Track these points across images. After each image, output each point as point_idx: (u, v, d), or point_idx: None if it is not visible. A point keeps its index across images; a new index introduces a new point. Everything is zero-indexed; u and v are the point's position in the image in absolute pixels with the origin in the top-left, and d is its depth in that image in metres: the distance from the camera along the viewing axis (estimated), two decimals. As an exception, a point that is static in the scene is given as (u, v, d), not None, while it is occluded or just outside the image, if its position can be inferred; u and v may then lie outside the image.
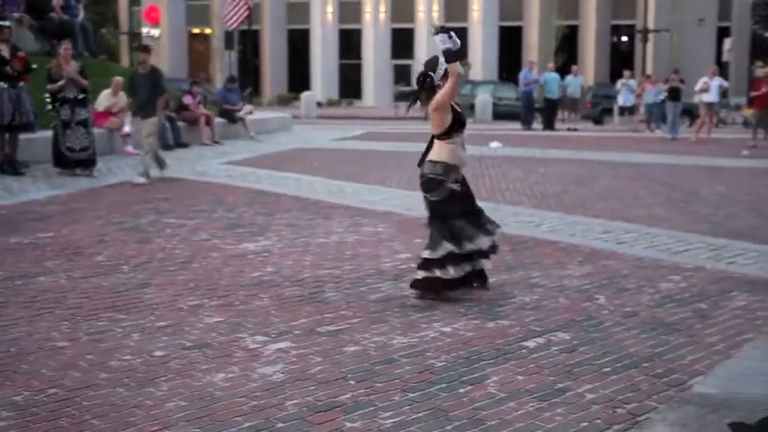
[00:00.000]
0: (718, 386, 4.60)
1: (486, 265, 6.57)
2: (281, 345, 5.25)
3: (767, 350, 5.21)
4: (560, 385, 4.60)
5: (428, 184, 6.34)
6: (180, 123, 17.69)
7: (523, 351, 5.16)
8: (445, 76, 6.26)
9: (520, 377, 4.72)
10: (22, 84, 12.73)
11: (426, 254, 6.29)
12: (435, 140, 6.36)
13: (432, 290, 6.28)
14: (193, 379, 4.66)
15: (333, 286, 6.67)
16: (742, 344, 5.33)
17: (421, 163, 6.42)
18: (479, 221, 6.52)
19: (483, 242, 6.42)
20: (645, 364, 4.92)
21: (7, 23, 13.37)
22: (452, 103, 6.34)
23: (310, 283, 6.78)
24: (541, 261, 7.60)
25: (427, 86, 6.35)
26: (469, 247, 6.29)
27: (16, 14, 18.20)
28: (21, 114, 12.60)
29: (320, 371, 4.80)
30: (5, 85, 12.49)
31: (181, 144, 17.24)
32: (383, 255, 7.82)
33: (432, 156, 6.33)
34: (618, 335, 5.48)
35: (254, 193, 11.56)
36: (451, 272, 6.19)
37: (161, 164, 12.81)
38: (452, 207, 6.34)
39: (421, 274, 6.29)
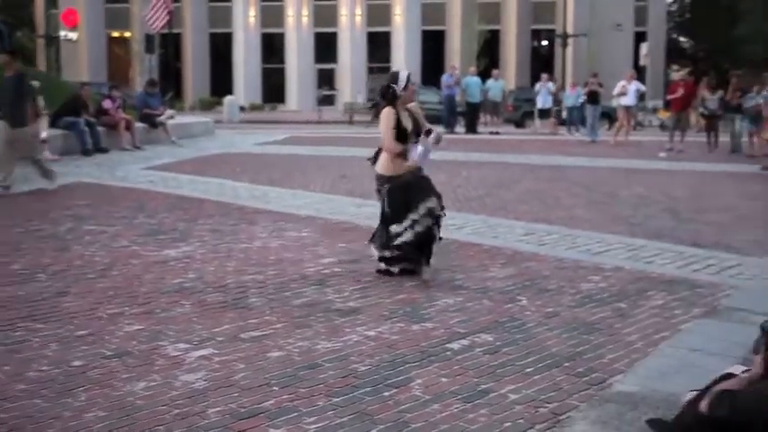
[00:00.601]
0: (638, 384, 4.69)
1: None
2: (204, 352, 5.18)
3: (684, 348, 5.33)
4: (484, 386, 4.63)
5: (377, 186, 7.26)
6: (99, 128, 17.37)
7: (447, 353, 5.19)
8: (406, 87, 7.00)
9: (444, 379, 4.74)
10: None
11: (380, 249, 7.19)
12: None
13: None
14: (113, 388, 4.57)
15: (256, 292, 6.62)
16: (660, 342, 5.45)
17: (374, 162, 7.30)
18: (419, 197, 6.97)
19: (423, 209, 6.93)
20: (566, 364, 5.00)
21: None
22: (407, 116, 7.09)
23: (233, 288, 6.72)
24: (465, 263, 7.66)
25: (389, 97, 7.03)
26: (412, 217, 6.92)
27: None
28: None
29: (243, 377, 4.75)
30: None
31: (100, 149, 16.93)
32: (307, 259, 7.79)
33: (376, 166, 7.24)
34: (540, 335, 5.55)
35: (175, 199, 11.41)
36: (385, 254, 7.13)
37: (48, 175, 12.23)
38: (394, 198, 7.05)
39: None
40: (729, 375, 3.37)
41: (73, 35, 44.22)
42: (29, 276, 7.07)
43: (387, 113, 6.97)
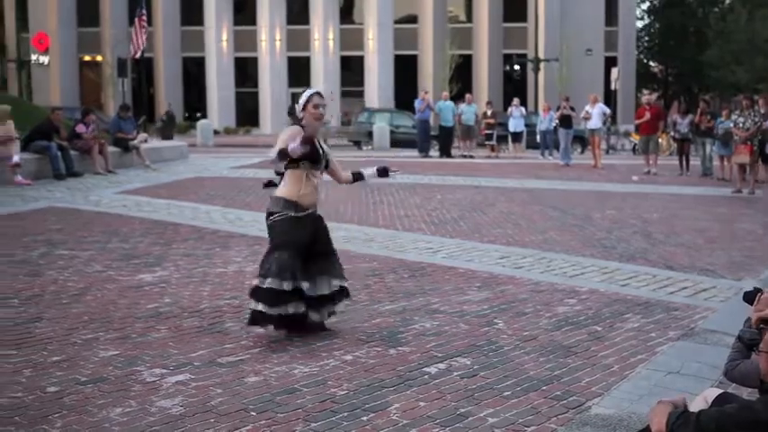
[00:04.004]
0: (615, 407, 4.70)
1: (327, 315, 6.16)
2: (180, 377, 5.14)
3: (660, 371, 5.35)
4: (462, 410, 4.63)
5: (268, 213, 6.12)
6: (72, 152, 17.27)
7: (425, 377, 5.18)
8: (305, 108, 6.03)
9: (422, 403, 4.74)
10: None
11: (256, 281, 5.96)
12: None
13: (257, 323, 5.92)
14: (89, 415, 4.52)
15: (232, 316, 6.58)
16: (636, 364, 5.47)
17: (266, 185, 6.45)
18: (320, 266, 6.10)
19: (313, 288, 6.01)
20: (544, 387, 5.01)
21: None
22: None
23: (209, 313, 6.68)
24: (441, 287, 7.67)
25: (292, 117, 6.22)
26: (290, 285, 5.80)
27: None
28: None
29: (221, 403, 4.72)
30: None
31: (73, 173, 16.81)
32: (283, 283, 7.75)
33: (277, 191, 6.14)
34: (517, 359, 5.56)
35: (149, 223, 11.34)
36: (261, 307, 5.79)
37: None
38: (287, 237, 5.93)
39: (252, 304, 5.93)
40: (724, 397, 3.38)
41: (44, 59, 44.01)
42: (1, 301, 6.99)
43: (292, 129, 6.08)
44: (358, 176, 6.72)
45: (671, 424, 2.96)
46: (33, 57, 43.11)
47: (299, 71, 47.77)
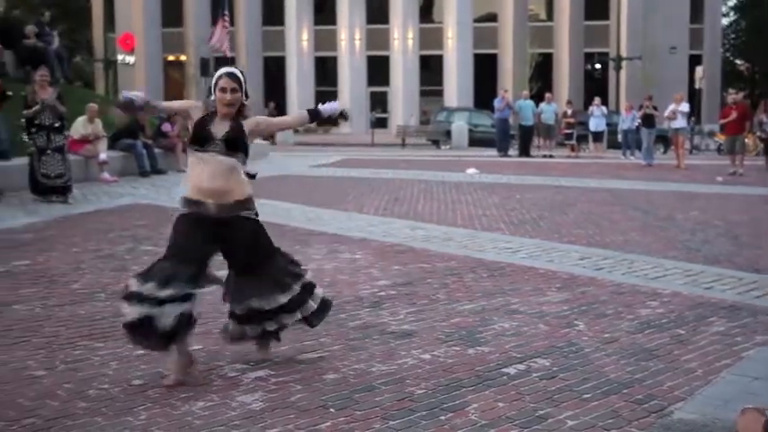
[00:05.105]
0: (698, 412, 4.61)
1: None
2: (261, 373, 5.21)
3: (746, 376, 5.23)
4: (541, 412, 4.59)
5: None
6: (157, 150, 17.64)
7: (504, 378, 5.15)
8: (214, 90, 5.15)
9: (500, 404, 4.71)
10: (-4, 111, 12.67)
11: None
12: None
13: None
14: (172, 408, 4.61)
15: (312, 313, 6.63)
16: (721, 369, 5.35)
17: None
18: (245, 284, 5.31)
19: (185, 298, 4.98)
20: (625, 391, 4.93)
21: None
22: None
23: (289, 310, 6.74)
24: (520, 287, 7.61)
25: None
26: (162, 292, 4.88)
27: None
28: (-5, 141, 12.53)
29: (300, 399, 4.77)
30: (-21, 113, 12.42)
31: (157, 171, 17.18)
32: (361, 281, 7.81)
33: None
34: (598, 361, 5.49)
35: (231, 220, 11.49)
36: (127, 309, 4.93)
37: None
38: (172, 242, 5.13)
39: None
40: None
41: (130, 59, 44.97)
42: (88, 296, 7.18)
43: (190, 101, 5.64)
44: (314, 114, 5.83)
45: None
46: (119, 57, 44.10)
47: (378, 70, 47.98)
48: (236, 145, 5.13)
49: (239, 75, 5.18)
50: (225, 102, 5.08)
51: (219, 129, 5.11)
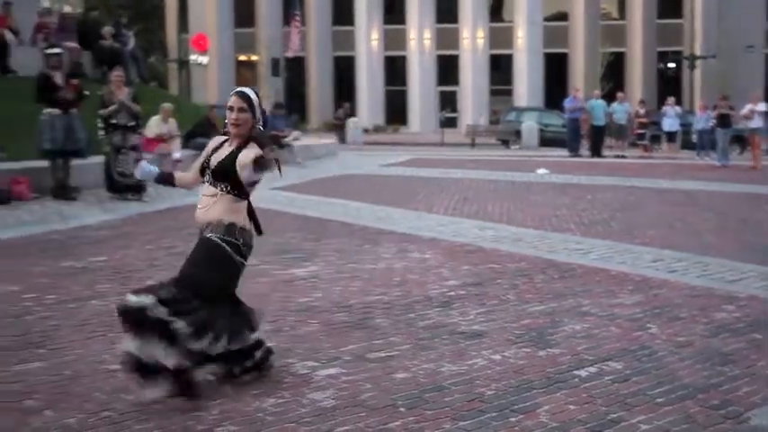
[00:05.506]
0: (776, 418, 4.51)
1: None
2: (331, 371, 5.24)
3: (826, 382, 5.10)
4: (613, 416, 4.53)
5: None
6: (228, 149, 17.87)
7: (575, 380, 5.10)
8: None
9: (572, 407, 4.67)
10: (74, 110, 12.94)
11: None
12: None
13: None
14: (244, 404, 4.66)
15: (381, 312, 6.66)
16: (799, 375, 5.23)
17: None
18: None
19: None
20: (700, 396, 4.84)
21: (59, 51, 13.60)
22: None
23: (359, 309, 6.78)
24: (591, 289, 7.53)
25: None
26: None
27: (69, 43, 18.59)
28: (73, 141, 12.80)
29: (370, 397, 4.78)
30: (58, 112, 12.71)
31: (228, 170, 17.40)
32: (431, 281, 7.80)
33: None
34: (671, 365, 5.40)
35: (301, 219, 11.61)
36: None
37: None
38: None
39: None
40: None
41: (203, 59, 45.65)
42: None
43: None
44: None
45: None
46: (192, 57, 44.79)
47: (447, 70, 47.89)
48: (221, 176, 4.85)
49: (251, 95, 4.91)
50: (230, 121, 4.86)
51: (219, 155, 4.91)
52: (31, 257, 8.82)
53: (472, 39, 47.34)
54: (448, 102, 47.37)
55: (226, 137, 5.02)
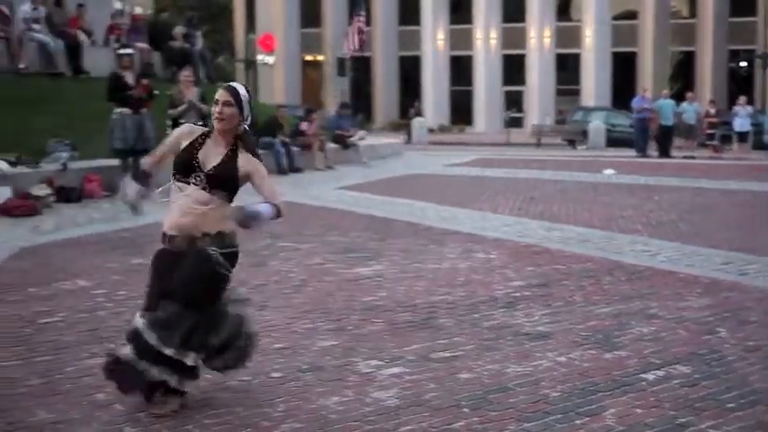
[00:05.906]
0: None
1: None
2: (395, 370, 5.25)
3: None
4: (681, 420, 4.46)
5: None
6: (294, 148, 18.02)
7: (642, 383, 5.03)
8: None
9: (638, 410, 4.60)
10: (144, 110, 13.16)
11: None
12: None
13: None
14: (308, 401, 4.70)
15: (445, 312, 6.65)
16: None
17: None
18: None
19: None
20: (771, 401, 4.75)
21: (130, 51, 13.86)
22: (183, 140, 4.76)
23: (423, 308, 6.78)
24: (659, 291, 7.42)
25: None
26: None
27: (141, 44, 18.93)
28: (143, 140, 13.01)
29: (434, 397, 4.78)
30: (129, 111, 12.94)
31: (295, 169, 17.55)
32: (496, 282, 7.77)
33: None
34: (741, 369, 5.30)
35: (366, 219, 11.65)
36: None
37: None
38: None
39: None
40: None
41: (270, 59, 46.05)
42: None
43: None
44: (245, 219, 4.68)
45: None
46: (259, 57, 45.21)
47: (513, 69, 47.59)
48: (221, 183, 4.56)
49: (239, 90, 4.63)
50: (215, 115, 4.59)
51: (211, 157, 4.58)
52: (102, 255, 9.01)
53: (539, 38, 46.94)
54: (513, 102, 47.08)
55: (203, 128, 4.77)
